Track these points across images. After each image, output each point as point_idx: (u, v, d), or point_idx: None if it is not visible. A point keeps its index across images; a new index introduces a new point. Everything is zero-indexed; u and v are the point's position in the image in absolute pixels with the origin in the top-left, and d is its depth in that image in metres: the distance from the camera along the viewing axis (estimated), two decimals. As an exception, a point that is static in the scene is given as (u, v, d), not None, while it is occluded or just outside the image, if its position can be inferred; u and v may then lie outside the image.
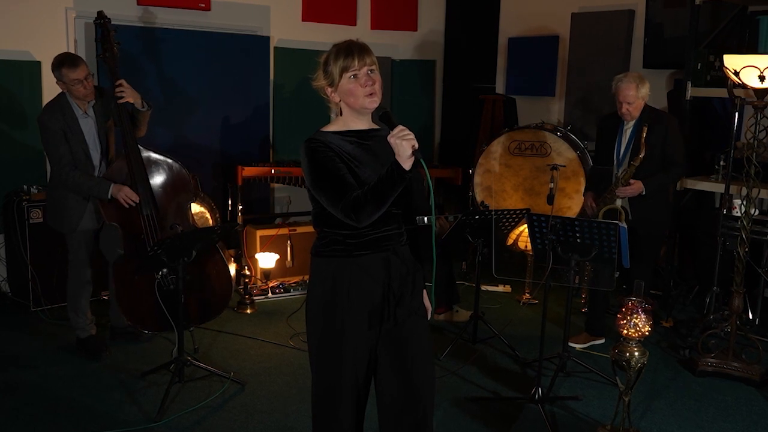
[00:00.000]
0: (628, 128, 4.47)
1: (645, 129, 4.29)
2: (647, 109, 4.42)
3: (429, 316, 2.62)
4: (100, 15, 4.20)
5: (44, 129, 4.02)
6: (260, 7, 6.26)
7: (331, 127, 2.44)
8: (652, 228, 4.46)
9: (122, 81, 4.10)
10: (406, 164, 2.17)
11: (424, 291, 2.61)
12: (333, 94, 2.41)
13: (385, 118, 2.27)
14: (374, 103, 2.36)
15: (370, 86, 2.34)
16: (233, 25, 6.09)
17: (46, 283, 4.91)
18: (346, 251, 2.41)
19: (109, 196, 4.04)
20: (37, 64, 5.17)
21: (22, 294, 5.02)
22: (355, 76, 2.34)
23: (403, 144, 2.15)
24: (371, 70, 2.36)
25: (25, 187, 5.02)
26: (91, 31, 5.36)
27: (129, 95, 4.09)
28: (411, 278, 2.49)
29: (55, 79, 4.05)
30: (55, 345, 4.45)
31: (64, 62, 3.98)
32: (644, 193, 4.36)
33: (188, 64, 5.82)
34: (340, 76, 2.35)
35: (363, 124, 2.45)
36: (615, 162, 4.53)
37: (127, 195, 4.06)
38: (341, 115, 2.44)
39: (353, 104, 2.37)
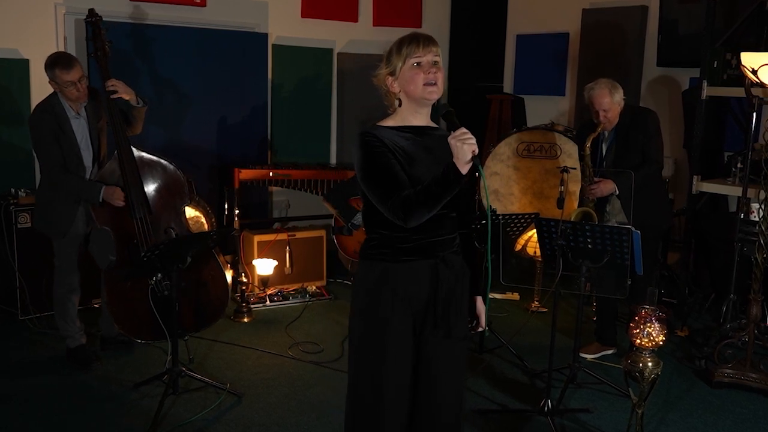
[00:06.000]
0: (609, 133, 4.53)
1: (598, 130, 4.40)
2: (626, 110, 4.45)
3: (484, 323, 2.65)
4: (91, 13, 4.22)
5: (34, 130, 4.04)
6: (258, 3, 6.30)
7: (387, 122, 2.47)
8: (645, 231, 4.41)
9: (113, 79, 4.13)
10: (464, 168, 2.20)
11: (479, 298, 2.63)
12: (393, 84, 2.43)
13: (448, 117, 2.30)
14: (434, 94, 2.39)
15: (433, 74, 2.37)
16: (229, 21, 6.12)
17: (35, 290, 4.92)
18: (393, 255, 2.43)
19: (101, 199, 4.06)
20: (25, 62, 5.21)
21: (9, 302, 5.02)
22: (418, 63, 2.37)
23: (464, 148, 2.18)
24: (435, 62, 2.39)
25: (12, 190, 5.04)
26: (81, 28, 5.39)
27: (122, 91, 4.13)
28: (459, 288, 2.51)
29: (46, 79, 4.06)
30: (44, 355, 4.47)
31: (57, 62, 3.99)
32: (617, 192, 4.39)
33: (183, 63, 5.85)
34: (404, 62, 2.38)
35: (420, 120, 2.47)
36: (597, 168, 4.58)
37: (118, 197, 4.08)
38: (399, 106, 2.46)
39: (412, 93, 2.39)
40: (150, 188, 4.25)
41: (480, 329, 2.65)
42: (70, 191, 4.10)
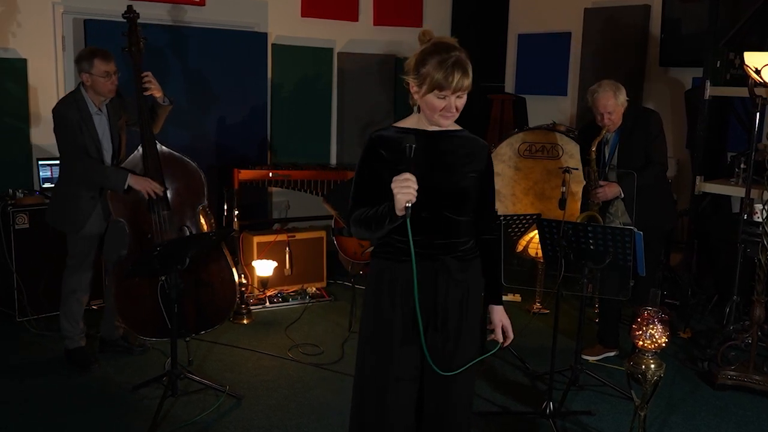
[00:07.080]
0: (611, 136, 4.51)
1: (603, 133, 4.38)
2: (629, 112, 4.44)
3: (510, 338, 2.75)
4: (129, 9, 4.28)
5: (60, 118, 4.07)
6: (257, 3, 6.30)
7: (403, 123, 2.54)
8: (649, 233, 4.40)
9: (149, 73, 4.19)
10: (399, 212, 2.27)
11: (500, 308, 2.68)
12: (415, 93, 2.45)
13: (407, 152, 2.30)
14: (447, 122, 2.44)
15: (452, 113, 2.40)
16: (229, 21, 6.12)
17: (33, 292, 4.92)
18: (395, 255, 2.49)
19: (126, 186, 4.07)
20: (23, 62, 5.21)
21: (7, 303, 5.03)
22: (443, 98, 2.37)
23: (398, 197, 2.24)
24: (460, 96, 2.39)
25: (10, 191, 5.04)
26: (80, 27, 5.41)
27: (155, 88, 4.20)
28: (465, 297, 2.53)
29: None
30: (43, 356, 4.47)
31: (96, 53, 4.05)
32: (622, 196, 4.38)
33: (181, 62, 5.85)
34: (431, 88, 2.37)
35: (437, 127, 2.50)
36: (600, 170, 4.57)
37: (152, 187, 4.10)
38: (418, 112, 2.51)
39: (428, 116, 2.45)
40: (170, 185, 4.27)
41: (498, 340, 2.72)
42: (95, 178, 4.11)
